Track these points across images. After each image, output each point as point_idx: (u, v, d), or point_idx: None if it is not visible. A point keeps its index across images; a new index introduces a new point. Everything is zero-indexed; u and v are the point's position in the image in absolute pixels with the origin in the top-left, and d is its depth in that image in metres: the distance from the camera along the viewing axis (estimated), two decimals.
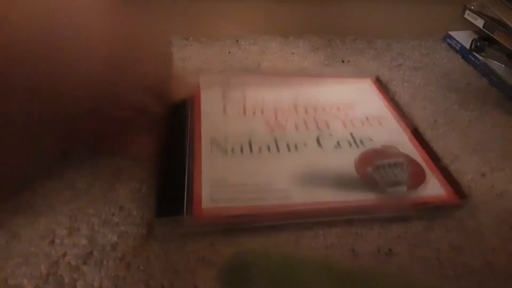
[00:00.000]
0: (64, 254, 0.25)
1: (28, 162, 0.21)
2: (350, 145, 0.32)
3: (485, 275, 0.24)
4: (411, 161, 0.31)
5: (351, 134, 0.34)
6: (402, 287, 0.21)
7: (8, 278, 0.24)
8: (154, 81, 0.25)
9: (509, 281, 0.24)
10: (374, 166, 0.30)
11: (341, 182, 0.29)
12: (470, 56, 0.49)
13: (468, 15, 0.50)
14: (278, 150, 0.32)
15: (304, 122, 0.35)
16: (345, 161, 0.31)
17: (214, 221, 0.26)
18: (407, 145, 0.32)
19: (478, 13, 0.49)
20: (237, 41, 0.55)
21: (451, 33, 0.54)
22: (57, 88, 0.18)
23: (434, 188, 0.29)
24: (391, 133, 0.34)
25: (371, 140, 0.33)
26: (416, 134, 0.34)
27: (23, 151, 0.19)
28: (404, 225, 0.27)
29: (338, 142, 0.33)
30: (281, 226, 0.27)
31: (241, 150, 0.32)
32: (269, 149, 0.32)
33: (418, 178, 0.29)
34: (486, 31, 0.47)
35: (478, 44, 0.48)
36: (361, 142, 0.33)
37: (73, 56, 0.18)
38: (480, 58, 0.47)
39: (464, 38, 0.52)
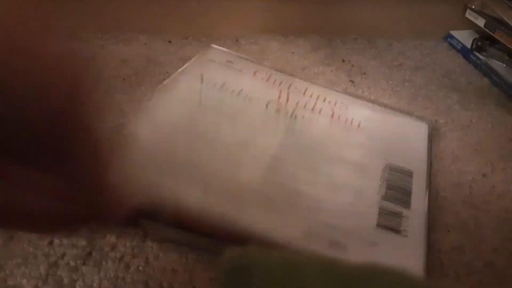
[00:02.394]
0: (63, 255, 0.25)
1: None
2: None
3: (486, 275, 0.24)
4: None
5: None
6: (403, 287, 0.21)
7: (7, 278, 0.24)
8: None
9: (511, 281, 0.24)
10: None
11: None
12: (471, 55, 0.49)
13: (469, 15, 0.50)
14: None
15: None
16: None
17: None
18: None
19: (479, 13, 0.49)
20: (237, 40, 0.55)
21: (452, 32, 0.54)
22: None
23: None
24: None
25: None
26: None
27: None
28: None
29: None
30: None
31: None
32: None
33: None
34: (487, 31, 0.47)
35: (479, 43, 0.48)
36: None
37: None
38: (481, 57, 0.47)
39: (465, 37, 0.51)
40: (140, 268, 0.25)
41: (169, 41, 0.54)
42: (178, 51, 0.52)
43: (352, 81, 0.45)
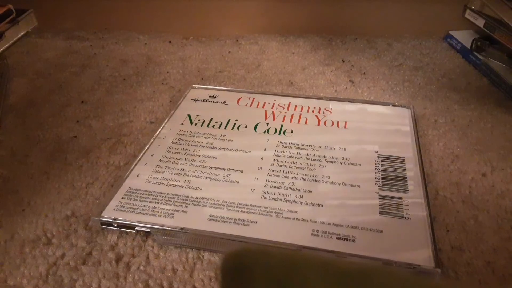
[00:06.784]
0: (63, 255, 0.25)
1: None
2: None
3: (486, 275, 0.24)
4: None
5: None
6: (403, 286, 0.21)
7: (7, 278, 0.24)
8: None
9: (511, 281, 0.24)
10: None
11: None
12: (470, 55, 0.49)
13: (469, 15, 0.50)
14: None
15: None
16: None
17: None
18: None
19: (479, 13, 0.49)
20: (237, 40, 0.55)
21: (451, 32, 0.54)
22: None
23: None
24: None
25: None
26: None
27: None
28: None
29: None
30: None
31: None
32: None
33: None
34: (487, 31, 0.47)
35: (479, 43, 0.48)
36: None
37: None
38: (481, 57, 0.47)
39: (464, 37, 0.52)
40: (141, 267, 0.25)
41: (169, 41, 0.54)
42: (178, 51, 0.52)
43: (352, 81, 0.45)
